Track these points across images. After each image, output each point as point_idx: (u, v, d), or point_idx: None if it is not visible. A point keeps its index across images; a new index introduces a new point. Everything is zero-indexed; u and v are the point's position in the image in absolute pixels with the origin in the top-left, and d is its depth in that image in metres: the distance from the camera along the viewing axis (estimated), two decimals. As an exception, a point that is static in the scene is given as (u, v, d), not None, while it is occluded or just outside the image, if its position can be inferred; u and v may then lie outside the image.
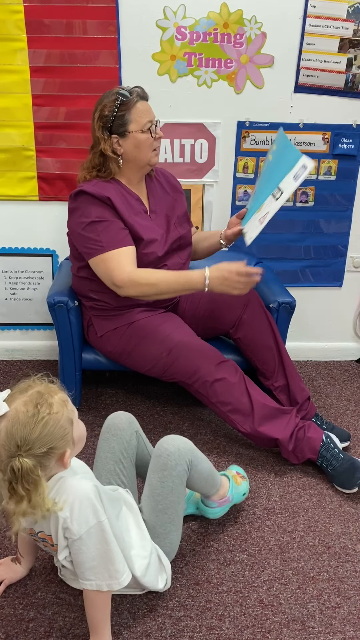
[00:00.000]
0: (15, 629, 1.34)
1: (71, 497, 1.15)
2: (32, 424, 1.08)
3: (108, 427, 1.50)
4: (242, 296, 2.03)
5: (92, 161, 1.91)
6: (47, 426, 1.09)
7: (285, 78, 2.28)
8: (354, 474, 1.77)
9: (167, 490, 1.39)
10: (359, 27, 2.21)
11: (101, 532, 1.16)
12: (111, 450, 1.47)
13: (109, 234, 1.84)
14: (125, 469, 1.48)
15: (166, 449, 1.40)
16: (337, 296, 2.63)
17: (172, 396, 2.33)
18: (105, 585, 1.19)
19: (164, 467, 1.39)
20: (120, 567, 1.20)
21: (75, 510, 1.14)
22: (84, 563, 1.18)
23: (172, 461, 1.38)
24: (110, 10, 2.16)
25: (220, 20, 2.19)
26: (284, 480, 1.86)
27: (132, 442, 1.50)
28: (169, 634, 1.34)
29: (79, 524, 1.14)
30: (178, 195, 2.09)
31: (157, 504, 1.39)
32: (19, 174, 2.36)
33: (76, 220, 1.89)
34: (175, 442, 1.41)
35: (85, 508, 1.15)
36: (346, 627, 1.37)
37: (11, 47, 2.19)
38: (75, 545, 1.16)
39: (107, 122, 1.84)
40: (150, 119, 1.87)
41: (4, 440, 1.08)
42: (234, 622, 1.37)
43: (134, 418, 1.54)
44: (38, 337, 2.64)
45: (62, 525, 1.15)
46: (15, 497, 1.07)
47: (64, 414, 1.13)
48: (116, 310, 1.96)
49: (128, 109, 1.84)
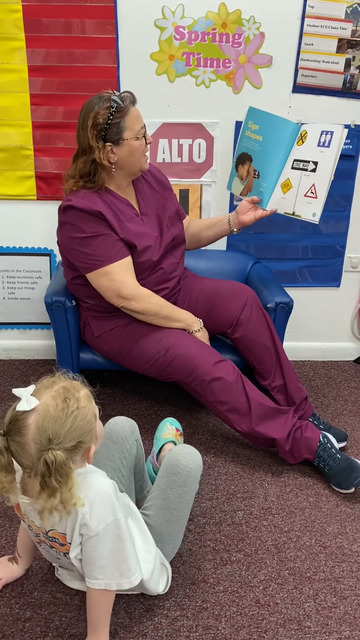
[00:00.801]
0: (11, 628, 1.34)
1: (91, 493, 1.15)
2: (62, 418, 1.08)
3: (109, 433, 1.47)
4: (240, 296, 2.05)
5: (81, 170, 1.84)
6: (77, 420, 1.10)
7: (283, 78, 2.28)
8: (350, 474, 1.78)
9: (184, 504, 1.41)
10: (357, 28, 2.21)
11: (117, 530, 1.17)
12: (110, 457, 1.46)
13: (105, 247, 1.83)
14: (123, 477, 1.47)
15: (186, 466, 1.39)
16: (334, 296, 2.63)
17: (169, 396, 2.33)
18: (115, 584, 1.19)
19: (184, 483, 1.39)
20: (132, 566, 1.20)
21: (95, 507, 1.14)
22: (96, 561, 1.17)
23: (193, 477, 1.40)
24: (108, 9, 2.16)
25: (219, 20, 2.19)
26: (281, 480, 1.86)
27: (132, 451, 1.48)
28: (165, 634, 1.34)
29: (98, 520, 1.14)
30: (167, 192, 2.07)
31: (172, 516, 1.40)
32: (17, 173, 2.36)
33: (68, 235, 1.86)
34: (193, 457, 1.42)
35: (105, 505, 1.15)
36: (342, 627, 1.37)
37: (9, 46, 2.19)
38: (90, 542, 1.16)
39: (102, 130, 1.79)
40: (142, 124, 1.84)
41: (34, 433, 1.07)
42: (231, 622, 1.37)
43: (136, 425, 1.52)
44: (35, 337, 2.63)
45: (81, 521, 1.15)
46: (47, 490, 1.06)
47: (90, 408, 1.14)
48: (113, 311, 1.96)
49: (122, 116, 1.79)
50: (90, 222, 1.82)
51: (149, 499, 1.45)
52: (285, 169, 2.03)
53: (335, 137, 1.92)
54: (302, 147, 2.00)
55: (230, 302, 2.04)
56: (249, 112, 2.10)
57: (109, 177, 1.87)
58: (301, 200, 1.99)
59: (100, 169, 1.84)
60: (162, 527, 1.40)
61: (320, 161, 1.94)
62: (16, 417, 1.09)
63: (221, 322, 2.05)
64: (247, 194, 2.11)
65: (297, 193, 2.00)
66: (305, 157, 1.98)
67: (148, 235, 1.93)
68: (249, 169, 2.09)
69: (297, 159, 2.00)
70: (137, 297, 1.87)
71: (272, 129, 2.03)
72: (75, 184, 1.85)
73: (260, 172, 2.06)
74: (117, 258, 1.84)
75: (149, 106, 2.26)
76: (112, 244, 1.84)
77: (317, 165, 1.94)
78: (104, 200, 1.85)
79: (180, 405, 2.27)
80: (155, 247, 1.94)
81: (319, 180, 1.95)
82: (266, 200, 2.06)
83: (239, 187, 2.15)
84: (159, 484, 1.43)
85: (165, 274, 1.99)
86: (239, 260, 2.41)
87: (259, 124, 2.06)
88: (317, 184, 1.95)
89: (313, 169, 1.95)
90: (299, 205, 2.00)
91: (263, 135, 2.04)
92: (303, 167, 1.97)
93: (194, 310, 2.06)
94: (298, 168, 1.99)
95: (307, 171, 1.97)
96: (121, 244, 1.86)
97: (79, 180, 1.85)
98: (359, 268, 2.59)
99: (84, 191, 1.85)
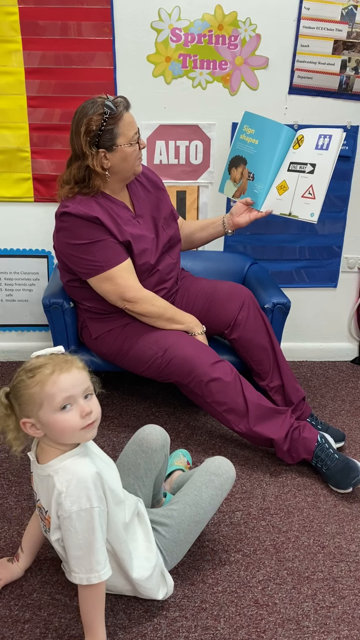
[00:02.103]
0: (10, 630, 1.34)
1: (70, 475, 1.19)
2: (32, 384, 1.19)
3: (140, 440, 1.48)
4: (238, 297, 2.05)
5: (75, 176, 1.83)
6: (20, 385, 1.20)
7: (279, 79, 2.29)
8: (348, 474, 1.78)
9: (212, 507, 1.47)
10: (352, 29, 2.21)
11: (91, 518, 1.18)
12: (136, 465, 1.47)
13: (104, 252, 1.83)
14: (144, 486, 1.49)
15: (227, 472, 1.49)
16: (332, 297, 2.64)
17: (167, 397, 2.34)
18: (85, 578, 1.20)
19: (220, 486, 1.48)
20: (101, 559, 1.20)
21: (70, 488, 1.18)
22: (71, 549, 1.19)
23: (229, 484, 1.50)
24: (105, 12, 2.16)
25: (215, 22, 2.20)
26: (279, 480, 1.87)
27: (158, 465, 1.50)
28: (164, 635, 1.34)
29: (71, 501, 1.17)
30: (161, 193, 2.06)
31: (197, 515, 1.44)
32: (14, 175, 2.36)
33: (66, 242, 1.85)
34: (233, 469, 1.52)
35: (81, 489, 1.18)
36: (340, 626, 1.37)
37: (6, 49, 2.19)
38: (64, 524, 1.18)
39: (95, 137, 1.77)
40: (135, 130, 1.83)
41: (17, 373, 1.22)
42: (229, 622, 1.37)
43: (168, 440, 1.53)
44: (33, 338, 2.64)
45: (56, 499, 1.19)
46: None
47: (38, 389, 1.18)
48: (110, 313, 1.96)
49: (116, 123, 1.77)
50: (88, 228, 1.82)
51: (178, 495, 1.47)
52: (281, 171, 2.05)
53: (334, 140, 1.95)
54: (299, 151, 2.02)
55: (227, 303, 2.04)
56: (245, 116, 2.13)
57: (103, 182, 1.86)
58: (298, 201, 2.01)
59: (94, 175, 1.83)
60: (183, 524, 1.42)
61: (318, 163, 1.97)
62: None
63: (219, 323, 2.06)
64: (240, 196, 2.12)
65: (294, 194, 2.01)
66: (302, 159, 2.01)
67: (145, 238, 1.93)
68: (243, 171, 2.10)
69: (294, 161, 2.03)
70: (141, 299, 1.88)
71: (268, 133, 2.06)
72: (71, 190, 1.84)
73: (255, 174, 2.08)
74: (117, 262, 1.85)
75: (146, 108, 2.28)
76: (111, 249, 1.84)
77: (315, 167, 1.97)
78: (100, 204, 1.85)
79: (179, 406, 2.27)
80: (152, 250, 1.95)
81: (317, 181, 1.97)
82: (261, 202, 2.07)
83: (231, 189, 2.16)
84: (195, 481, 1.47)
85: (162, 275, 2.00)
86: (236, 261, 2.42)
87: (254, 128, 2.08)
88: (315, 185, 1.97)
89: (311, 171, 1.98)
90: (296, 206, 2.01)
91: (259, 139, 2.06)
92: (300, 169, 2.00)
93: (192, 311, 2.06)
94: (295, 170, 2.01)
95: (304, 173, 1.99)
96: (120, 248, 1.86)
97: (74, 187, 1.84)
98: (356, 268, 2.60)
99: (80, 197, 1.84)
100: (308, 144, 2.00)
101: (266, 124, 2.07)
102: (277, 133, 2.05)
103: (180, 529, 1.42)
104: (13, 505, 1.73)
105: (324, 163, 1.96)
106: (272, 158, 2.05)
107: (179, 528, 1.42)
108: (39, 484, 1.27)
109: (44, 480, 1.24)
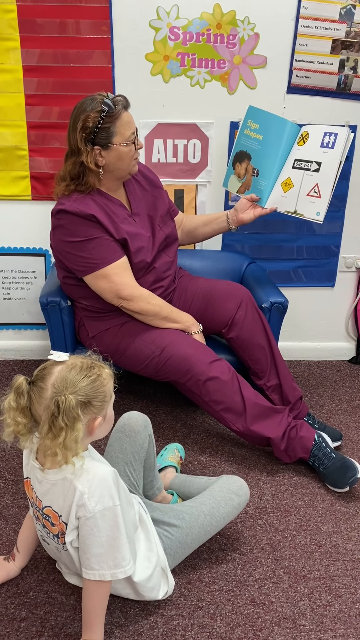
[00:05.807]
0: (7, 628, 1.34)
1: (91, 475, 1.19)
2: (83, 374, 1.19)
3: (122, 427, 1.50)
4: (235, 296, 2.05)
5: (71, 172, 1.83)
6: (95, 383, 1.19)
7: (278, 79, 2.29)
8: (345, 473, 1.78)
9: (223, 522, 1.50)
10: (351, 29, 2.22)
11: (114, 516, 1.19)
12: (123, 451, 1.48)
13: (100, 250, 1.83)
14: (134, 470, 1.49)
15: (246, 495, 1.55)
16: (329, 296, 2.64)
17: (165, 396, 2.34)
18: (109, 574, 1.20)
19: (238, 506, 1.53)
20: (126, 555, 1.22)
21: (93, 487, 1.18)
22: (92, 548, 1.19)
23: (242, 506, 1.55)
24: (103, 10, 2.16)
25: (214, 21, 2.19)
26: (276, 479, 1.87)
27: (144, 445, 1.51)
28: (160, 633, 1.34)
29: (96, 501, 1.17)
30: (158, 191, 2.06)
31: (209, 525, 1.47)
32: (12, 173, 2.36)
33: (62, 239, 1.86)
34: (249, 490, 1.59)
35: (104, 488, 1.18)
36: (337, 625, 1.37)
37: (4, 47, 2.18)
38: (87, 525, 1.18)
39: (91, 134, 1.77)
40: (133, 130, 1.83)
41: (55, 379, 1.17)
42: (226, 621, 1.37)
43: (149, 421, 1.54)
44: (31, 337, 2.63)
45: (78, 501, 1.18)
46: (53, 430, 1.13)
47: (109, 384, 1.23)
48: (108, 312, 1.96)
49: (113, 121, 1.77)
50: (84, 225, 1.82)
51: (193, 501, 1.50)
52: (286, 168, 2.04)
53: (340, 139, 1.94)
54: (304, 148, 2.01)
55: (225, 302, 2.04)
56: (249, 111, 2.11)
57: (98, 179, 1.86)
58: (304, 200, 2.00)
59: (88, 172, 1.83)
60: (194, 529, 1.44)
61: (324, 161, 1.96)
62: (45, 366, 1.21)
63: (216, 322, 2.06)
64: (244, 192, 2.12)
65: (299, 192, 2.01)
66: (307, 157, 2.00)
67: (140, 236, 1.93)
68: (248, 167, 2.10)
69: (298, 158, 2.02)
70: (137, 297, 1.87)
71: (273, 128, 2.05)
72: (67, 187, 1.84)
73: (260, 170, 2.07)
74: (113, 259, 1.84)
75: (144, 106, 2.27)
76: (107, 246, 1.84)
77: (321, 166, 1.96)
78: (96, 202, 1.85)
79: (176, 405, 2.27)
80: (148, 248, 1.95)
81: (322, 180, 1.96)
82: (265, 199, 2.07)
83: (235, 184, 2.16)
84: (215, 495, 1.51)
85: (159, 273, 2.00)
86: (234, 260, 2.42)
87: (259, 123, 2.07)
88: (321, 184, 1.97)
89: (316, 169, 1.97)
90: (301, 204, 2.01)
91: (263, 134, 2.06)
92: (305, 167, 1.99)
93: (189, 310, 2.06)
94: (300, 168, 2.01)
95: (309, 171, 1.98)
96: (116, 245, 1.86)
97: (70, 184, 1.84)
98: (354, 268, 2.60)
99: (77, 194, 1.84)
100: (313, 141, 1.99)
101: (270, 119, 2.06)
102: (281, 128, 2.03)
103: (190, 532, 1.43)
104: (9, 504, 1.72)
105: (329, 162, 1.95)
106: (276, 154, 2.04)
107: (189, 532, 1.43)
108: (48, 490, 1.23)
109: (57, 485, 1.21)
